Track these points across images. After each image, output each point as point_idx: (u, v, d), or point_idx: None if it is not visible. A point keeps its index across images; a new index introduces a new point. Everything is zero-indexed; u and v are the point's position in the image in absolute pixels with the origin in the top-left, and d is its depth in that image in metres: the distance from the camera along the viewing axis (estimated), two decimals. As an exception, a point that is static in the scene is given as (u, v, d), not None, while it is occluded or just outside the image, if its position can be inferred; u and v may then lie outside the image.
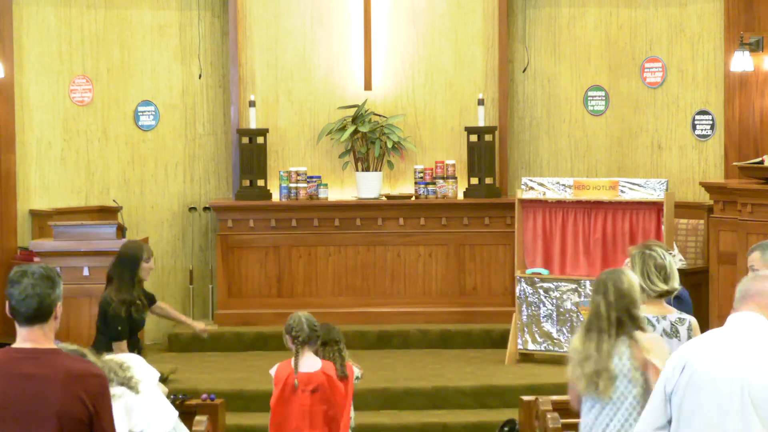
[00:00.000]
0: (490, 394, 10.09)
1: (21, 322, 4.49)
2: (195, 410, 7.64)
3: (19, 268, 4.54)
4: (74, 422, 4.44)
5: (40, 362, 4.46)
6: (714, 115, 12.10)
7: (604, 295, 5.84)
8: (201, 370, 10.72)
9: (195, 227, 12.67)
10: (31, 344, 4.49)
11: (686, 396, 4.69)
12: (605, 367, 5.74)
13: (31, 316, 4.49)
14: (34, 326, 4.50)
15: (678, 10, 12.29)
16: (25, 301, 4.47)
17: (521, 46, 12.72)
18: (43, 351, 4.49)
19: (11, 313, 4.51)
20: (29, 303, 4.48)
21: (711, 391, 4.64)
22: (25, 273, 4.51)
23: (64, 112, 12.19)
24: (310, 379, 7.08)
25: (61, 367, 4.47)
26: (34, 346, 4.49)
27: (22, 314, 4.48)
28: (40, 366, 4.45)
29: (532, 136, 12.75)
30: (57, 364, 4.48)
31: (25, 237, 11.84)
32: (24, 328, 4.50)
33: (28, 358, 4.46)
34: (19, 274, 4.51)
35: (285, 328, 7.24)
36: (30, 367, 4.45)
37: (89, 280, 9.92)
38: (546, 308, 10.86)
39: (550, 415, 7.34)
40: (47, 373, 4.44)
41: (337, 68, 12.60)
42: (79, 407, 4.44)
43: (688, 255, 11.91)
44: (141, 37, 12.49)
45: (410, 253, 12.16)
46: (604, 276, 5.95)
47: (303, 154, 12.61)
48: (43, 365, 4.46)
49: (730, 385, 4.61)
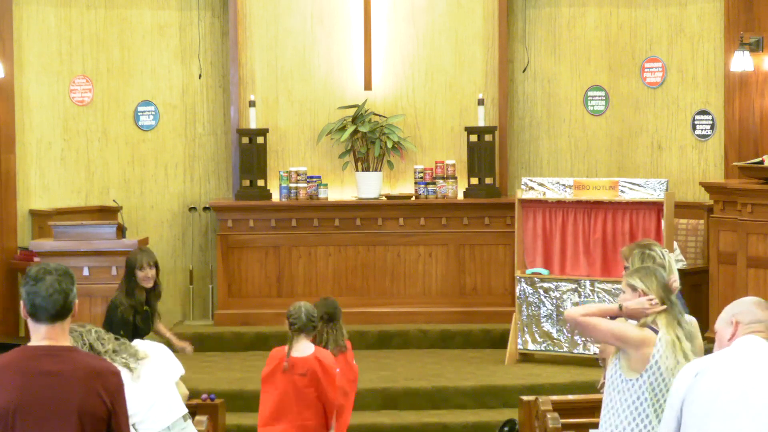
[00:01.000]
0: (490, 394, 10.09)
1: (43, 319, 4.48)
2: (195, 410, 7.64)
3: (38, 267, 4.52)
4: (94, 419, 4.45)
5: (59, 359, 4.46)
6: (714, 115, 12.10)
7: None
8: (201, 370, 10.71)
9: (195, 227, 12.67)
10: (48, 342, 4.49)
11: (696, 405, 4.78)
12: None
13: (56, 313, 4.48)
14: (55, 324, 4.50)
15: (678, 10, 12.29)
16: (52, 298, 4.46)
17: (521, 46, 12.72)
18: (61, 348, 4.50)
19: (32, 311, 4.48)
20: (56, 299, 4.47)
21: (722, 400, 4.74)
22: (48, 270, 4.50)
23: (64, 112, 12.19)
24: (301, 364, 7.37)
25: (81, 364, 4.48)
26: (52, 344, 4.49)
27: (48, 311, 4.47)
28: (59, 363, 4.46)
29: (532, 136, 12.75)
30: (77, 360, 4.49)
31: (25, 237, 11.84)
32: (44, 325, 4.49)
33: (48, 355, 4.46)
34: (42, 272, 4.49)
35: (286, 313, 7.58)
36: (50, 364, 4.45)
37: (89, 280, 9.91)
38: (546, 308, 10.86)
39: (550, 415, 7.33)
40: (67, 370, 4.45)
41: (337, 68, 12.60)
42: (98, 404, 4.46)
43: (688, 255, 11.91)
44: (141, 37, 12.50)
45: (410, 253, 12.16)
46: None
47: (303, 154, 12.62)
48: (63, 362, 4.46)
49: (741, 395, 4.73)
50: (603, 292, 10.65)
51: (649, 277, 5.71)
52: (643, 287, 5.66)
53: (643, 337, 5.56)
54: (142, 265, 8.65)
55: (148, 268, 8.68)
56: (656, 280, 5.69)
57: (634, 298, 5.67)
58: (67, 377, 4.44)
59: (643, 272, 5.76)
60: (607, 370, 5.78)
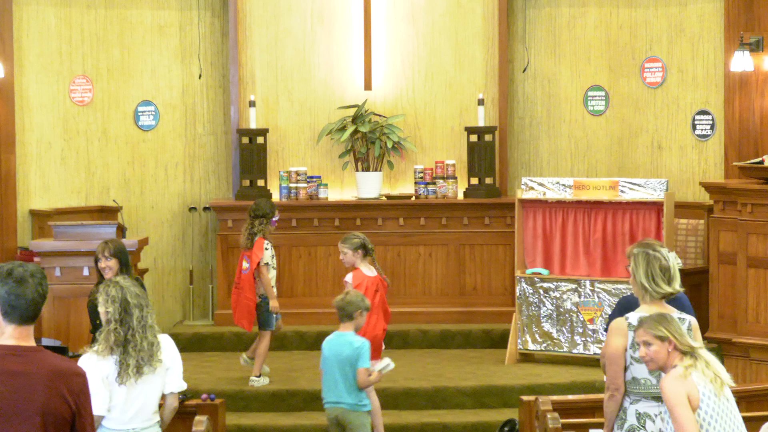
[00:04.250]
0: (490, 394, 10.09)
1: (17, 321, 4.46)
2: (195, 410, 7.64)
3: (18, 266, 4.48)
4: (57, 419, 4.43)
5: (24, 359, 4.45)
6: (714, 115, 12.10)
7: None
8: (201, 370, 10.71)
9: (195, 227, 12.67)
10: (15, 342, 4.47)
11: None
12: None
13: (32, 315, 4.48)
14: (29, 325, 4.49)
15: (678, 10, 12.29)
16: (35, 302, 4.46)
17: (521, 46, 12.72)
18: (27, 348, 4.48)
19: (8, 311, 4.44)
20: (38, 303, 4.47)
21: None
22: (31, 273, 4.47)
23: (64, 112, 12.19)
24: (379, 282, 9.18)
25: (46, 365, 4.46)
26: (19, 344, 4.47)
27: (26, 314, 4.46)
28: (24, 363, 4.44)
29: (532, 136, 12.75)
30: (41, 361, 4.47)
31: (25, 237, 11.84)
32: (15, 326, 4.47)
33: (12, 355, 4.44)
34: (24, 273, 4.45)
35: (354, 244, 9.10)
36: (14, 364, 4.43)
37: (89, 280, 9.89)
38: (546, 308, 10.85)
39: (550, 415, 7.33)
40: (32, 370, 4.43)
41: (337, 68, 12.60)
42: (62, 405, 4.44)
43: (688, 255, 11.91)
44: (141, 37, 12.50)
45: (410, 253, 12.16)
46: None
47: (303, 154, 12.62)
48: (28, 362, 4.44)
49: None
50: (603, 292, 10.65)
51: (671, 323, 5.80)
52: (673, 334, 5.75)
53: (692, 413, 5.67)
54: (98, 256, 8.50)
55: (104, 259, 8.41)
56: (677, 325, 5.82)
57: (664, 348, 5.75)
58: (31, 377, 4.42)
59: (663, 320, 5.83)
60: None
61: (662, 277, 6.30)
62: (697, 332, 6.31)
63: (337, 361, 7.94)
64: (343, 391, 7.92)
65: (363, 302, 8.09)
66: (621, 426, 6.25)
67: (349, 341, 7.97)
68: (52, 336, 9.62)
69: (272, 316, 10.16)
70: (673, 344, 5.75)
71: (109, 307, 6.15)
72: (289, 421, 9.69)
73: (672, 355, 5.75)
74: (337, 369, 7.93)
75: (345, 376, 7.92)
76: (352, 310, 8.00)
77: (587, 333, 10.72)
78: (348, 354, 7.92)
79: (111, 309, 6.14)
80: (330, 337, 8.08)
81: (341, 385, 7.93)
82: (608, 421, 6.28)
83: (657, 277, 6.29)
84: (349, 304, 8.02)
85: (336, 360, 7.94)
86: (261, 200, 10.40)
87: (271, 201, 10.54)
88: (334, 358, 7.96)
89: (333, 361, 7.96)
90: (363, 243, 9.09)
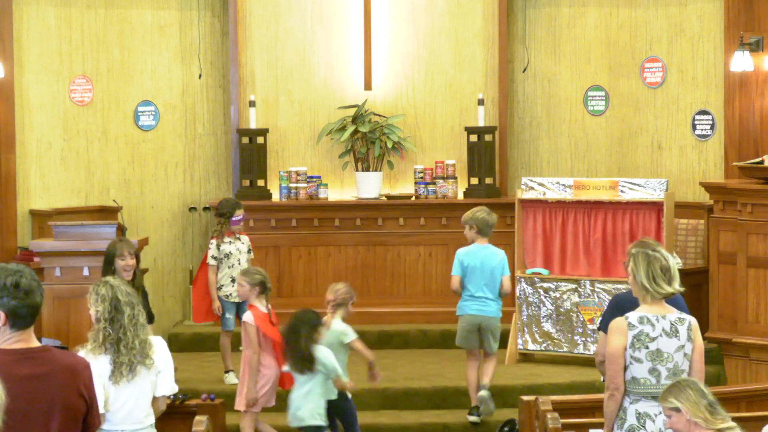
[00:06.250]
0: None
1: (21, 325, 4.48)
2: (195, 410, 7.64)
3: (22, 277, 4.47)
4: (76, 414, 4.51)
5: (38, 361, 4.48)
6: (714, 115, 12.10)
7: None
8: (201, 370, 10.72)
9: (195, 227, 12.67)
10: (24, 345, 4.50)
11: None
12: None
13: (34, 320, 4.52)
14: (31, 328, 4.53)
15: (678, 10, 12.29)
16: (39, 306, 4.49)
17: (521, 46, 12.72)
18: (36, 350, 4.51)
19: (16, 320, 4.45)
20: (39, 308, 4.51)
21: None
22: (36, 280, 4.50)
23: (64, 112, 12.19)
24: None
25: (59, 363, 4.51)
26: (27, 346, 4.50)
27: (31, 320, 4.49)
28: (38, 365, 4.47)
29: (532, 136, 12.75)
30: (54, 360, 4.51)
31: (25, 237, 11.84)
32: (17, 330, 4.49)
33: (25, 358, 4.47)
34: (31, 282, 4.47)
35: (255, 280, 8.86)
36: (30, 367, 4.46)
37: (89, 280, 9.87)
38: (546, 308, 10.86)
39: (550, 415, 7.33)
40: (48, 371, 4.47)
41: (337, 68, 12.60)
42: (79, 400, 4.52)
43: (688, 255, 11.91)
44: (141, 37, 12.50)
45: (410, 253, 12.16)
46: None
47: (303, 154, 12.62)
48: (42, 363, 4.48)
49: None
50: (603, 292, 10.65)
51: (685, 392, 5.74)
52: (688, 407, 5.69)
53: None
54: (122, 254, 8.47)
55: (129, 257, 8.51)
56: (693, 393, 5.72)
57: (682, 419, 5.69)
58: (49, 378, 4.46)
59: (678, 391, 5.77)
60: None
61: (663, 278, 6.29)
62: (697, 332, 6.31)
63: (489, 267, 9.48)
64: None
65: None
66: (621, 426, 6.25)
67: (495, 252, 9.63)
68: (52, 336, 9.61)
69: (224, 316, 10.26)
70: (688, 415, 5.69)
71: (98, 306, 6.15)
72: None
73: (692, 426, 5.66)
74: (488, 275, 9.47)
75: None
76: (494, 222, 9.70)
77: (587, 333, 10.72)
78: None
79: (101, 308, 6.14)
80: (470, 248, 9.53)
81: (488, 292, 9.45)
82: (608, 420, 6.28)
83: (658, 277, 6.28)
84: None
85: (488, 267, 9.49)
86: (224, 199, 10.50)
87: (234, 200, 10.46)
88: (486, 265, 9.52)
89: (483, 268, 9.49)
90: (263, 281, 8.89)
